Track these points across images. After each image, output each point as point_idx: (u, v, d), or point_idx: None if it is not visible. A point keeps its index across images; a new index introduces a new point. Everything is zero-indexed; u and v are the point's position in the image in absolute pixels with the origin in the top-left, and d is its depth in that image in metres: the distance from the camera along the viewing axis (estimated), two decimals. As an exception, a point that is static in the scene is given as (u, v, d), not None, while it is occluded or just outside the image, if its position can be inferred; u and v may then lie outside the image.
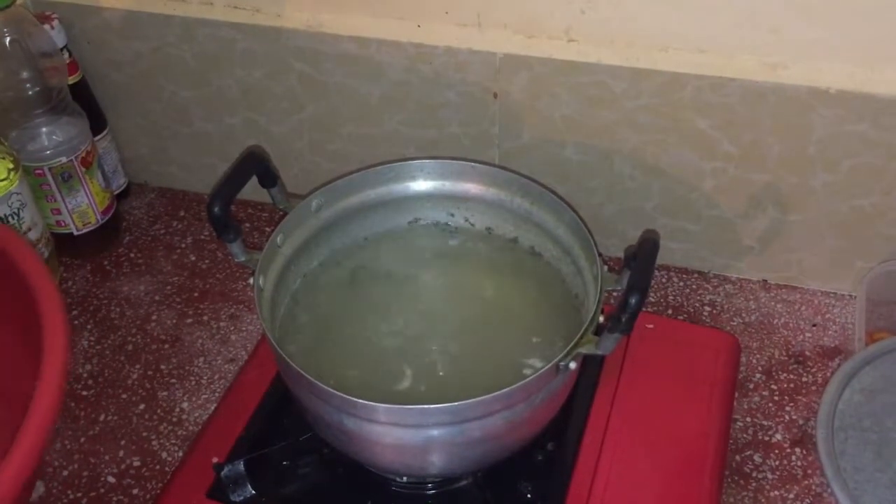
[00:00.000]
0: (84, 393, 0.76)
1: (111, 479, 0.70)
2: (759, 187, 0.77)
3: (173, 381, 0.77)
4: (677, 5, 0.70)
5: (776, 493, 0.68)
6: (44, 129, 0.79)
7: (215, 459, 0.64)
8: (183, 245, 0.90)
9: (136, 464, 0.71)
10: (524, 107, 0.77)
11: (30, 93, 0.77)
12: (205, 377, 0.78)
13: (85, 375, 0.78)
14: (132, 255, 0.90)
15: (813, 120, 0.71)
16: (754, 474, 0.69)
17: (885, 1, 0.66)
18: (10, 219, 0.76)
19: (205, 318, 0.83)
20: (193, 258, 0.89)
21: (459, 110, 0.79)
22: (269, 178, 0.65)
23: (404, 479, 0.65)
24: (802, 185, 0.75)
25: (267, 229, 0.91)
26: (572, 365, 0.57)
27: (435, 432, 0.57)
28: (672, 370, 0.71)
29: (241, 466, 0.63)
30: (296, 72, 0.81)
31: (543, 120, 0.78)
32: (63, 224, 0.85)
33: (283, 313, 0.66)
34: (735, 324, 0.81)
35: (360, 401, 0.54)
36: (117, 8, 0.82)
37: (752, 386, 0.75)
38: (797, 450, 0.71)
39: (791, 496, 0.67)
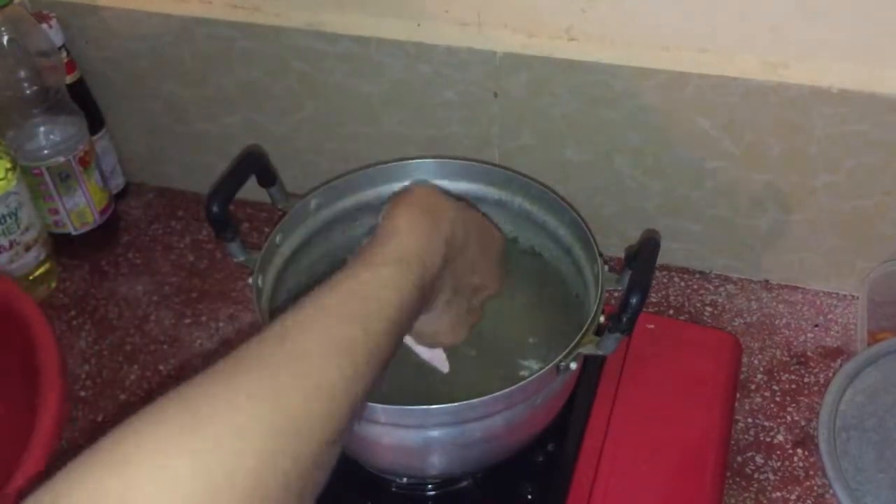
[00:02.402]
0: (82, 394, 0.76)
1: (109, 481, 0.70)
2: (761, 187, 0.76)
3: (172, 381, 0.77)
4: (678, 4, 0.70)
5: (778, 494, 0.67)
6: (41, 129, 0.79)
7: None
8: (181, 245, 0.90)
9: (134, 465, 0.71)
10: (524, 106, 0.77)
11: (27, 92, 0.77)
12: (203, 378, 0.77)
13: (83, 376, 0.77)
14: (130, 255, 0.89)
15: (814, 119, 0.71)
16: (756, 475, 0.69)
17: (886, 0, 0.66)
18: (7, 219, 0.75)
19: (203, 318, 0.82)
20: (192, 258, 0.89)
21: (459, 110, 0.79)
22: (268, 177, 0.65)
23: (404, 480, 0.65)
24: (804, 184, 0.75)
25: (266, 229, 0.91)
26: (573, 365, 0.56)
27: (435, 433, 0.56)
28: (673, 371, 0.70)
29: (239, 467, 0.63)
30: (295, 71, 0.81)
31: (543, 119, 0.77)
32: (61, 224, 0.84)
33: (282, 313, 0.66)
34: (736, 324, 0.80)
35: (360, 401, 0.54)
36: (115, 7, 0.82)
37: (753, 387, 0.75)
38: (799, 451, 0.70)
39: (793, 497, 0.67)
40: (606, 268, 0.61)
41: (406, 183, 0.70)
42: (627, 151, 0.77)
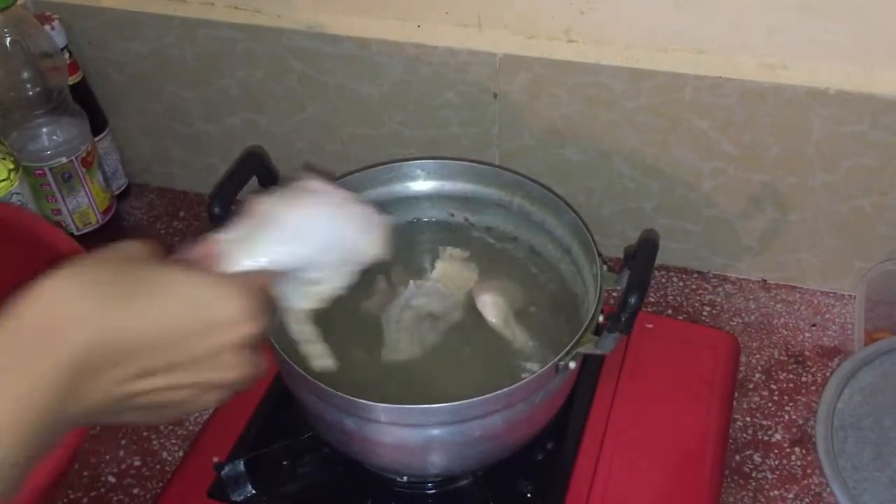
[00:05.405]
0: (84, 393, 0.76)
1: (111, 479, 0.70)
2: (759, 187, 0.77)
3: (174, 380, 0.77)
4: (676, 6, 0.70)
5: (776, 492, 0.68)
6: (44, 130, 0.79)
7: (216, 459, 0.64)
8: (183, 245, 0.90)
9: (137, 463, 0.71)
10: (524, 107, 0.77)
11: (30, 93, 0.77)
12: (205, 377, 0.77)
13: (85, 375, 0.78)
14: (132, 255, 0.89)
15: (812, 120, 0.71)
16: (754, 474, 0.69)
17: (884, 1, 0.66)
18: (10, 219, 0.76)
19: (205, 318, 0.83)
20: (194, 258, 0.89)
21: (459, 110, 0.80)
22: (270, 177, 0.65)
23: (404, 478, 0.65)
24: (801, 185, 0.76)
25: (267, 229, 0.91)
26: (572, 364, 0.57)
27: (435, 432, 0.57)
28: (672, 370, 0.71)
29: (241, 466, 0.63)
30: (296, 72, 0.81)
31: (543, 120, 0.78)
32: (63, 224, 0.85)
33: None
34: (735, 324, 0.81)
35: (361, 400, 0.54)
36: (118, 8, 0.82)
37: (751, 386, 0.75)
38: (797, 449, 0.71)
39: (791, 496, 0.68)
40: (605, 267, 0.62)
41: (407, 184, 0.70)
42: (626, 152, 0.78)
